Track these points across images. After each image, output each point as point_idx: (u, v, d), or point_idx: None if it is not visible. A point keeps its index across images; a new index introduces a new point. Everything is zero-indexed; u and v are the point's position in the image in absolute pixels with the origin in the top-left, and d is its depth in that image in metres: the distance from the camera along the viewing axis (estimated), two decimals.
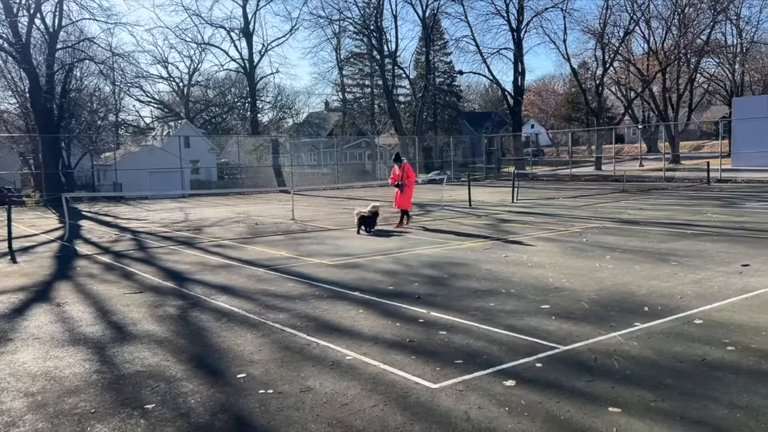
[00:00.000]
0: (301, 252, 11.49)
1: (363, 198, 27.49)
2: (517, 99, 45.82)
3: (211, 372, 5.01)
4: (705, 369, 4.64)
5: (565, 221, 15.12)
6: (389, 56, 48.57)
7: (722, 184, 29.05)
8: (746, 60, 57.58)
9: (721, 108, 75.18)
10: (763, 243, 10.68)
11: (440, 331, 5.91)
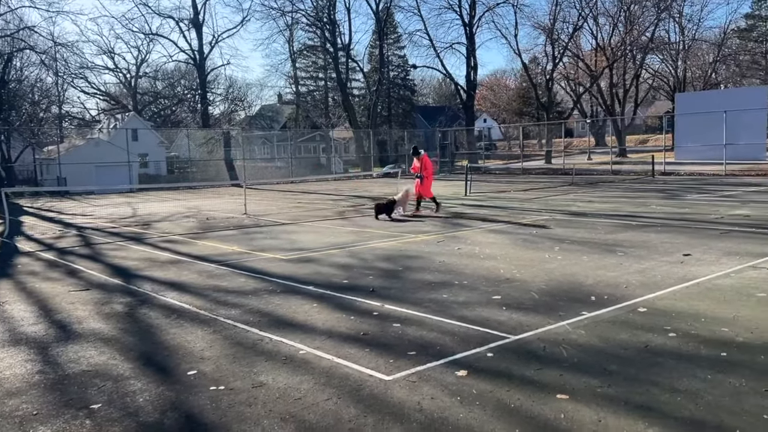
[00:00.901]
0: (253, 247, 11.35)
1: (318, 192, 27.37)
2: (470, 93, 46.31)
3: (160, 370, 4.91)
4: (648, 355, 4.81)
5: (517, 214, 15.38)
6: (343, 49, 48.34)
7: (666, 176, 30.05)
8: (688, 57, 59.67)
9: (665, 103, 77.77)
10: (703, 233, 11.11)
11: (394, 323, 5.94)
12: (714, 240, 10.28)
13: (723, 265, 8.20)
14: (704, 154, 34.33)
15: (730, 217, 13.29)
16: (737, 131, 33.03)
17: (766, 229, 11.39)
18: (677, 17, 56.47)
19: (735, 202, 16.90)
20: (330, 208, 18.86)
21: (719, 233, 11.04)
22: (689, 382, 4.22)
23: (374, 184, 32.38)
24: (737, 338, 5.13)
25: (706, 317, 5.76)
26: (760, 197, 17.90)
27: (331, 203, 21.01)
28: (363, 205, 19.81)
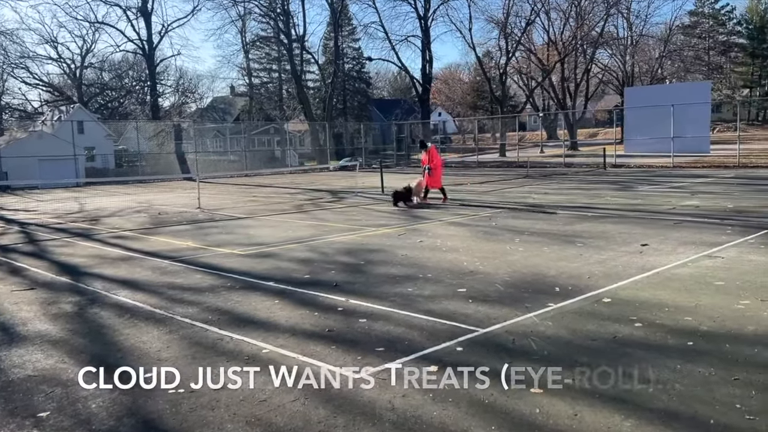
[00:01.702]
0: (209, 242, 11.00)
1: (274, 185, 26.94)
2: (426, 87, 46.42)
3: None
4: (616, 346, 4.79)
5: (475, 206, 15.41)
6: (297, 41, 47.71)
7: (617, 169, 30.74)
8: (636, 52, 61.21)
9: (614, 97, 79.73)
10: (658, 224, 11.31)
11: (360, 318, 5.78)
12: (669, 230, 10.47)
13: (680, 254, 8.33)
14: (653, 146, 35.21)
15: (682, 208, 13.61)
16: (683, 125, 33.95)
17: (715, 219, 11.68)
18: (625, 13, 57.89)
19: (685, 193, 17.35)
20: (287, 202, 18.55)
21: (673, 223, 11.26)
22: (660, 372, 4.21)
23: (332, 178, 32.09)
24: (701, 327, 5.17)
25: (669, 307, 5.80)
26: (708, 188, 18.43)
27: (288, 197, 20.68)
28: (321, 198, 19.56)
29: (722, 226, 10.74)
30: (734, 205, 13.70)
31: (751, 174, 24.07)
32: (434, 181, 16.54)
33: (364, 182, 23.56)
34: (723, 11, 73.85)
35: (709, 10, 73.33)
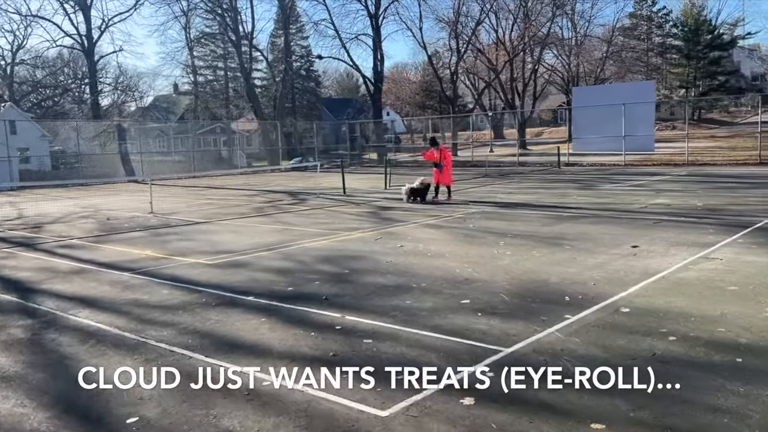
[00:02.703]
0: (170, 250, 10.12)
1: (227, 187, 25.86)
2: (378, 86, 45.84)
3: (88, 419, 3.87)
4: (660, 365, 4.34)
5: (445, 207, 14.95)
6: (245, 37, 46.32)
7: (570, 167, 30.99)
8: (580, 52, 62.41)
9: (558, 97, 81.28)
10: (636, 224, 11.10)
11: (364, 339, 5.16)
12: (652, 230, 10.25)
13: (675, 256, 8.05)
14: (602, 145, 35.70)
15: (653, 207, 13.52)
16: (630, 123, 34.48)
17: (692, 218, 11.58)
18: (570, 14, 58.94)
19: (648, 191, 17.40)
20: (245, 205, 17.66)
21: (653, 223, 11.07)
22: (725, 398, 3.76)
23: (286, 178, 31.14)
24: (740, 340, 4.79)
25: (694, 316, 5.42)
26: (668, 186, 18.59)
27: (244, 199, 19.75)
28: (281, 200, 18.74)
29: (702, 225, 10.61)
30: (703, 203, 13.71)
31: (703, 171, 24.58)
32: (445, 177, 16.69)
33: (320, 183, 22.81)
34: (660, 14, 76.26)
35: (647, 12, 75.56)
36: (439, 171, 16.63)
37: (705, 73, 73.74)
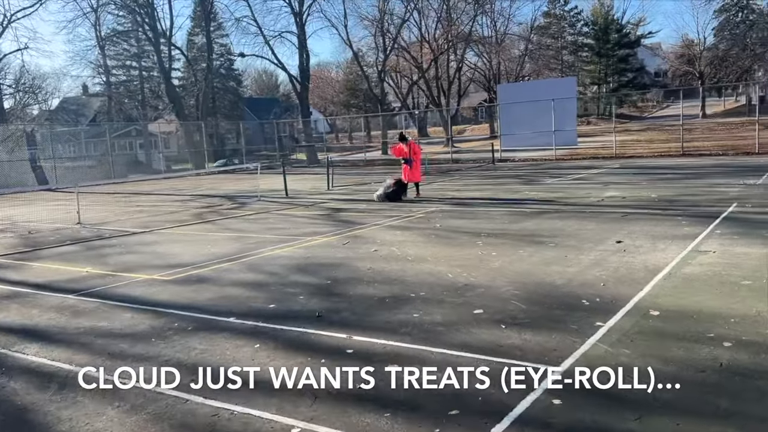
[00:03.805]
0: (114, 266, 8.99)
1: (155, 192, 24.21)
2: (305, 84, 44.67)
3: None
4: (739, 379, 3.90)
5: (400, 207, 14.37)
6: (164, 35, 43.99)
7: (504, 163, 31.23)
8: (501, 51, 63.65)
9: (478, 95, 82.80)
10: (604, 217, 10.92)
11: (386, 365, 4.46)
12: (623, 224, 10.08)
13: (666, 250, 7.81)
14: (530, 141, 36.28)
15: (609, 200, 13.48)
16: (554, 118, 35.06)
17: (655, 209, 11.55)
18: (490, 13, 59.93)
19: (594, 184, 17.53)
20: (182, 211, 16.40)
21: (620, 216, 10.94)
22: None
23: (216, 181, 29.63)
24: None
25: (732, 317, 5.07)
26: (610, 179, 18.83)
27: (178, 205, 18.41)
28: (220, 205, 17.57)
29: (670, 217, 10.55)
30: (657, 195, 13.83)
31: (634, 163, 25.29)
32: (415, 174, 16.20)
33: (257, 185, 21.66)
34: (572, 13, 79.05)
35: (560, 11, 78.15)
36: (410, 167, 16.07)
37: (615, 70, 77.09)
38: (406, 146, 16.34)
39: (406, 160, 16.17)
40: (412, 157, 16.15)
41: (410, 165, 16.10)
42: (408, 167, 16.12)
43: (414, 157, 16.18)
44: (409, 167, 16.11)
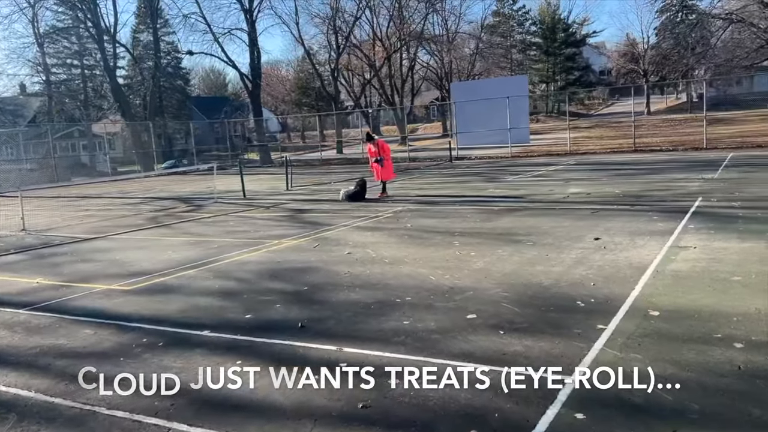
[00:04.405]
0: (68, 276, 8.34)
1: (104, 196, 23.15)
2: (256, 82, 43.71)
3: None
4: (763, 384, 3.72)
5: (365, 207, 14.03)
6: (107, 32, 42.32)
7: (461, 161, 31.22)
8: (452, 49, 63.99)
9: (429, 93, 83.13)
10: (574, 214, 10.85)
11: (387, 379, 4.12)
12: (596, 220, 10.01)
13: (646, 247, 7.72)
14: (485, 139, 36.43)
15: (574, 196, 13.48)
16: (507, 116, 35.27)
17: (623, 205, 11.55)
18: (441, 11, 60.14)
19: (555, 180, 17.58)
20: (135, 215, 15.63)
21: (590, 213, 10.89)
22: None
23: (168, 183, 28.60)
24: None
25: (733, 315, 4.94)
26: (570, 175, 18.95)
27: (130, 208, 17.59)
28: (174, 208, 16.83)
29: (640, 212, 10.55)
30: (620, 191, 13.90)
31: (590, 160, 25.64)
32: (387, 173, 15.93)
33: (213, 186, 20.94)
34: (520, 12, 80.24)
35: (508, 10, 79.20)
36: (381, 166, 15.73)
37: (562, 69, 78.71)
38: (374, 146, 16.00)
39: (376, 160, 15.83)
40: (382, 155, 15.80)
41: (382, 164, 15.76)
42: (380, 166, 15.78)
43: (384, 155, 15.85)
44: (380, 166, 15.78)
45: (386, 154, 15.99)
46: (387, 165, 15.95)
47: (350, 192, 15.34)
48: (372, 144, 16.09)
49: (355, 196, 15.19)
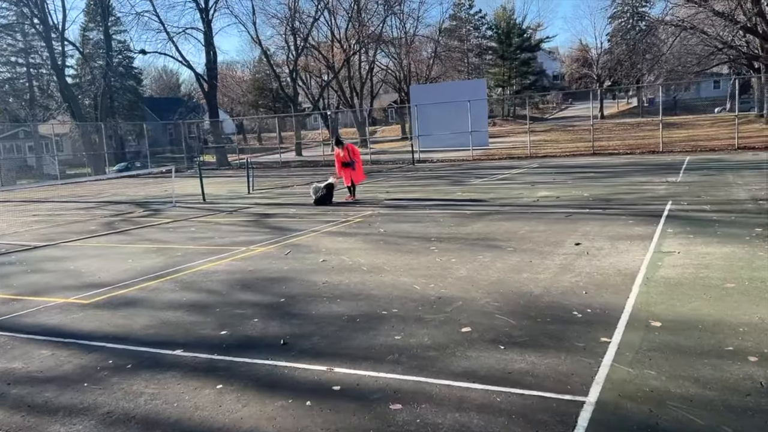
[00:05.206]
0: (19, 288, 7.70)
1: (51, 200, 22.06)
2: (212, 83, 42.67)
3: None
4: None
5: (334, 211, 13.63)
6: (55, 29, 40.66)
7: (423, 164, 31.09)
8: (410, 52, 64.04)
9: (388, 96, 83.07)
10: (548, 218, 10.70)
11: (387, 403, 3.77)
12: (572, 225, 9.87)
13: (630, 252, 7.59)
14: (446, 142, 36.40)
15: (544, 200, 13.39)
16: (466, 120, 35.32)
17: (595, 209, 11.47)
18: (399, 14, 60.12)
19: (521, 184, 17.51)
20: (88, 220, 14.83)
21: (564, 217, 10.77)
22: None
23: (121, 186, 27.51)
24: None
25: (738, 325, 4.78)
26: (535, 178, 18.92)
27: (82, 213, 16.72)
28: (130, 212, 16.06)
29: (614, 216, 10.48)
30: (588, 193, 13.90)
31: (551, 163, 25.80)
32: (357, 175, 15.77)
33: (170, 189, 20.20)
34: (476, 17, 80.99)
35: (465, 15, 79.84)
36: (352, 169, 15.49)
37: (518, 73, 79.79)
38: (343, 150, 15.69)
39: (346, 164, 15.53)
40: (352, 158, 15.55)
41: (353, 167, 15.53)
42: (351, 169, 15.52)
43: (354, 158, 15.61)
44: (352, 169, 15.53)
45: (357, 157, 15.75)
46: (358, 167, 15.70)
47: (318, 192, 14.99)
48: (341, 149, 15.76)
49: (322, 200, 14.83)
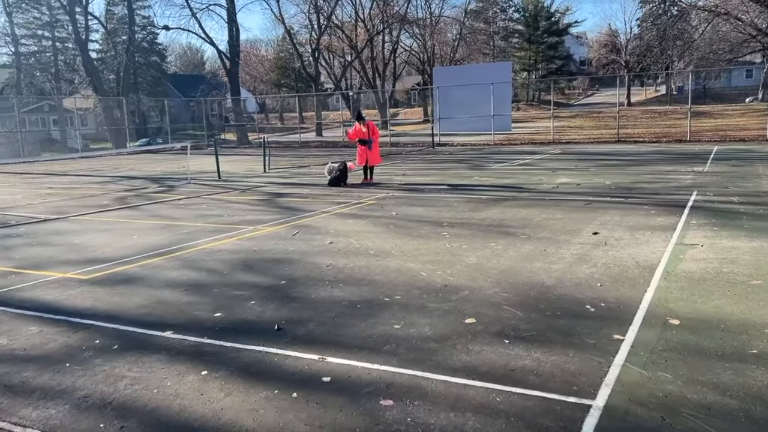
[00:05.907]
0: (20, 261, 7.59)
1: (71, 173, 22.12)
2: (235, 60, 42.46)
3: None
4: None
5: (347, 192, 13.38)
6: (79, 4, 40.70)
7: (443, 147, 30.64)
8: (435, 33, 63.14)
9: (411, 78, 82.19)
10: (567, 206, 10.33)
11: (379, 399, 3.51)
12: (591, 213, 9.49)
13: (650, 243, 7.22)
14: (468, 125, 35.87)
15: (563, 186, 12.99)
16: (489, 103, 34.69)
17: (617, 197, 11.07)
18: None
19: (542, 170, 17.07)
20: (102, 195, 14.77)
21: (583, 205, 10.38)
22: None
23: (140, 161, 27.56)
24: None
25: (763, 326, 4.43)
26: (556, 164, 18.46)
27: (97, 187, 16.69)
28: (145, 188, 15.98)
29: (636, 206, 10.07)
30: (610, 181, 13.45)
31: (574, 149, 25.22)
32: (373, 156, 15.16)
33: (187, 166, 20.09)
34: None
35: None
36: (369, 149, 14.99)
37: (544, 57, 78.37)
38: (364, 126, 15.16)
39: (363, 142, 15.01)
40: (371, 137, 15.04)
41: (369, 146, 15.01)
42: (367, 148, 15.01)
43: (373, 138, 15.09)
44: (368, 148, 15.01)
45: (375, 137, 15.24)
46: (375, 148, 15.22)
47: (332, 173, 14.59)
48: (362, 124, 15.20)
49: (336, 180, 14.51)
